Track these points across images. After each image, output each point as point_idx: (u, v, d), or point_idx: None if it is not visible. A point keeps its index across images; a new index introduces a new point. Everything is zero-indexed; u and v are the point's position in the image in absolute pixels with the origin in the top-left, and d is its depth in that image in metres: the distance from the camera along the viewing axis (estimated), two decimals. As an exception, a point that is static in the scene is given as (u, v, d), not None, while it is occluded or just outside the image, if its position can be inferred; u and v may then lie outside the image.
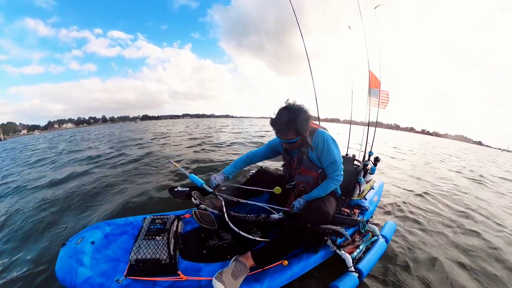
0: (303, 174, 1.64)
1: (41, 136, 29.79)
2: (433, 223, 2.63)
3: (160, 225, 1.50)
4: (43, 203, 3.02)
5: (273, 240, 1.42)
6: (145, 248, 1.32)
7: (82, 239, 1.45)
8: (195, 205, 1.72)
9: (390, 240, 1.85)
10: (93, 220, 2.48)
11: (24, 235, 2.26)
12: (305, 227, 1.37)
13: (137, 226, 1.67)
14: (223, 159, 5.42)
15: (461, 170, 7.18)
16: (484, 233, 2.50)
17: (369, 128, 2.97)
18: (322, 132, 1.54)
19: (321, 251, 1.53)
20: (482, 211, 3.24)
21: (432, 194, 3.79)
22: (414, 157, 9.07)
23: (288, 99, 1.48)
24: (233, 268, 1.22)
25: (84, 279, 1.18)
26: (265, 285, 1.27)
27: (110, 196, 3.18)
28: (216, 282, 1.13)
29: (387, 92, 3.11)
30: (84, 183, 3.82)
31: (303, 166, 1.61)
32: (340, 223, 1.66)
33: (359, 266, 1.46)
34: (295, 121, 1.40)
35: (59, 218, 2.56)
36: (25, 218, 2.60)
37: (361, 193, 2.25)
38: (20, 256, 1.92)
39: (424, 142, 20.99)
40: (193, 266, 1.39)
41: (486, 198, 4.04)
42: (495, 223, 2.84)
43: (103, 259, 1.39)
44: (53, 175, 4.74)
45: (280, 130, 1.45)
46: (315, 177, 1.61)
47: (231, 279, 1.17)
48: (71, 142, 13.06)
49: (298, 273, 1.41)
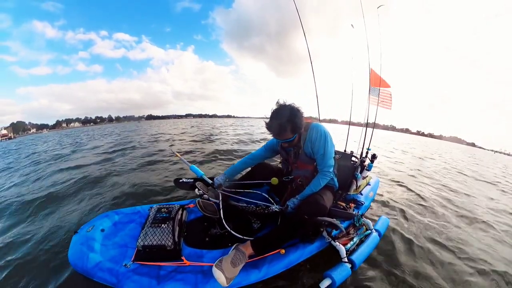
0: (300, 168, 1.67)
1: (50, 135, 30.01)
2: (424, 220, 2.67)
3: (166, 214, 1.56)
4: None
5: (272, 231, 1.47)
6: (152, 235, 1.38)
7: (92, 227, 1.52)
8: (199, 195, 1.77)
9: (383, 234, 1.89)
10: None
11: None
12: (302, 220, 1.42)
13: (144, 214, 1.73)
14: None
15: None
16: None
17: (368, 126, 2.97)
18: (316, 125, 1.55)
19: (317, 241, 1.58)
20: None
21: (426, 194, 3.83)
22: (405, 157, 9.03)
23: (278, 100, 1.49)
24: (233, 256, 1.27)
25: (95, 264, 1.24)
26: (263, 272, 1.33)
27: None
28: (215, 269, 1.18)
29: (389, 92, 3.04)
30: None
31: (300, 160, 1.64)
32: (336, 216, 1.71)
33: (352, 258, 1.50)
34: (289, 121, 1.41)
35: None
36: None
37: (357, 188, 2.28)
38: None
39: (417, 144, 20.78)
40: (196, 253, 1.46)
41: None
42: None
43: (112, 246, 1.45)
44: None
45: (276, 133, 1.46)
46: (311, 170, 1.64)
47: (230, 267, 1.22)
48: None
49: (294, 262, 1.47)
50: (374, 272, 1.67)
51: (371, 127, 2.98)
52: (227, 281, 1.18)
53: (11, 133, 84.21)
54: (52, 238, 1.96)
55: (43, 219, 2.37)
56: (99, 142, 9.88)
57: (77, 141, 11.60)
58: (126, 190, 3.06)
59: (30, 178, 4.19)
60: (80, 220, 2.26)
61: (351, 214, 1.76)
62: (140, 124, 39.84)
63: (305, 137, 1.54)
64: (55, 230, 2.09)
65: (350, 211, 1.84)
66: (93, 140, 11.32)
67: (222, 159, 5.15)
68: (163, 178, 3.57)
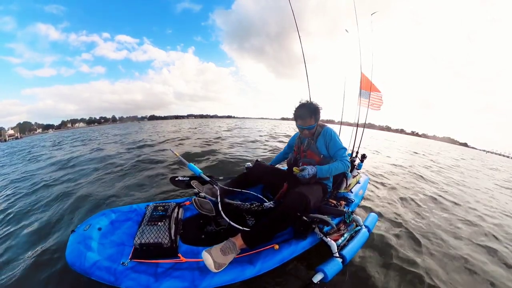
0: (308, 157, 1.86)
1: (55, 134, 29.00)
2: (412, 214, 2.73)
3: (162, 212, 1.54)
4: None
5: (260, 222, 1.47)
6: (148, 233, 1.37)
7: (89, 226, 1.49)
8: (195, 193, 1.76)
9: (372, 230, 1.92)
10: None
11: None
12: (287, 210, 1.43)
13: (141, 213, 1.71)
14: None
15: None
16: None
17: (358, 127, 3.01)
18: (328, 128, 1.87)
19: (309, 237, 1.59)
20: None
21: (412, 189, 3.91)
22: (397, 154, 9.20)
23: (301, 99, 1.83)
24: (223, 245, 1.30)
25: (93, 263, 1.21)
26: (258, 267, 1.33)
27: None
28: (204, 253, 1.23)
29: (380, 94, 3.12)
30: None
31: (310, 150, 1.85)
32: (327, 213, 1.73)
33: (343, 253, 1.51)
34: (313, 112, 1.75)
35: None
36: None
37: (347, 187, 2.31)
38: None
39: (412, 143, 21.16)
40: (192, 250, 1.45)
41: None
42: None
43: (109, 244, 1.42)
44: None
45: (304, 117, 1.74)
46: (317, 161, 1.82)
47: (220, 254, 1.25)
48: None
49: (287, 257, 1.47)
50: (363, 266, 1.70)
51: (365, 128, 3.03)
52: (214, 265, 1.20)
53: (18, 133, 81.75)
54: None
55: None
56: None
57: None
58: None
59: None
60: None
61: (341, 211, 1.78)
62: (140, 125, 38.57)
63: (319, 133, 1.83)
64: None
65: (341, 208, 1.87)
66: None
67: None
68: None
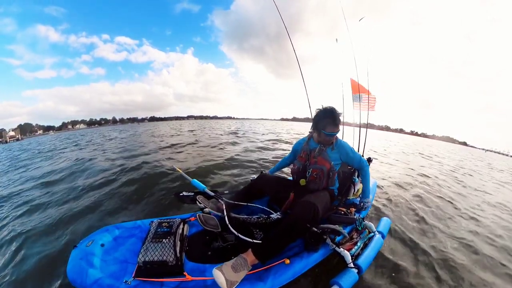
0: (318, 164, 1.80)
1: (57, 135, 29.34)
2: (426, 216, 2.60)
3: (167, 228, 1.48)
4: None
5: (269, 235, 1.40)
6: (153, 250, 1.30)
7: (92, 241, 1.42)
8: (200, 208, 1.70)
9: (386, 235, 1.82)
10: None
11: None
12: (296, 221, 1.36)
13: (145, 229, 1.64)
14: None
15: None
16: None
17: (361, 130, 2.97)
18: (342, 141, 1.88)
19: (321, 249, 1.50)
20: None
21: (420, 191, 3.77)
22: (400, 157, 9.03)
23: (322, 105, 1.82)
24: (233, 262, 1.23)
25: (94, 280, 1.15)
26: (269, 284, 1.24)
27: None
28: (215, 270, 1.15)
29: (374, 96, 3.16)
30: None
31: (321, 157, 1.80)
32: (337, 222, 1.64)
33: (358, 262, 1.42)
34: (340, 119, 1.73)
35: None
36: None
37: (356, 192, 2.22)
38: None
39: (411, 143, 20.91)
40: (199, 267, 1.36)
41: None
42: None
43: (112, 261, 1.35)
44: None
45: (336, 123, 1.71)
46: (327, 167, 1.77)
47: (231, 271, 1.18)
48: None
49: (299, 271, 1.37)
50: (381, 275, 1.59)
51: (365, 130, 3.00)
52: (226, 283, 1.13)
53: (19, 135, 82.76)
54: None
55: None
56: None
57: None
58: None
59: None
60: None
61: (352, 218, 1.70)
62: (139, 127, 37.55)
63: (333, 143, 1.81)
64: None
65: (352, 216, 1.78)
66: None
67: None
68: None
